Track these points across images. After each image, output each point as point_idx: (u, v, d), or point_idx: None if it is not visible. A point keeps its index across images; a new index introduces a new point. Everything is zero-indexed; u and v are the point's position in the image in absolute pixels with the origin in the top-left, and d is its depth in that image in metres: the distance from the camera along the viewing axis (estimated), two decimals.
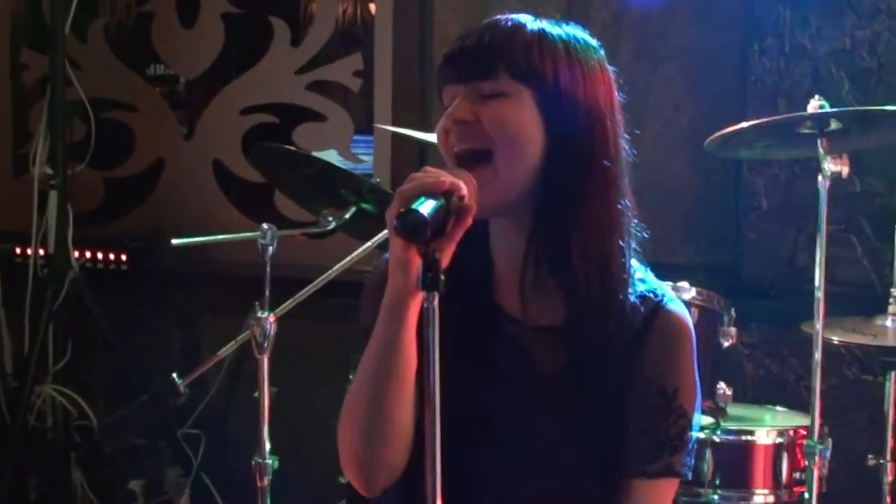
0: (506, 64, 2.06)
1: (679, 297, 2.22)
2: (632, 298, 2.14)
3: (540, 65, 2.08)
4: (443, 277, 1.89)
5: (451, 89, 2.10)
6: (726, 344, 3.50)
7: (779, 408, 3.97)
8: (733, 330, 3.50)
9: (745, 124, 3.33)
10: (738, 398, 4.16)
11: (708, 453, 3.55)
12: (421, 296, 1.93)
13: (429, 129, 4.89)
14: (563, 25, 2.15)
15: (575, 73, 2.10)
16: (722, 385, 3.46)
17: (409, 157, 4.80)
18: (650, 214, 4.80)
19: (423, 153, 4.81)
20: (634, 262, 2.19)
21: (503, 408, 2.13)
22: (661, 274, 3.72)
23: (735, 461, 3.59)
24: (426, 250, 1.90)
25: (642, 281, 2.18)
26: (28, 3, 5.12)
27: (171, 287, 4.87)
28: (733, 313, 3.52)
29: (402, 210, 1.86)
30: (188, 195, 5.03)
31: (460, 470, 2.12)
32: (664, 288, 2.20)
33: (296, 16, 4.99)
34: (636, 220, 2.19)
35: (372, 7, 4.92)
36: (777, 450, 3.58)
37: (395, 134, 4.67)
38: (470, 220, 1.96)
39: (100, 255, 4.83)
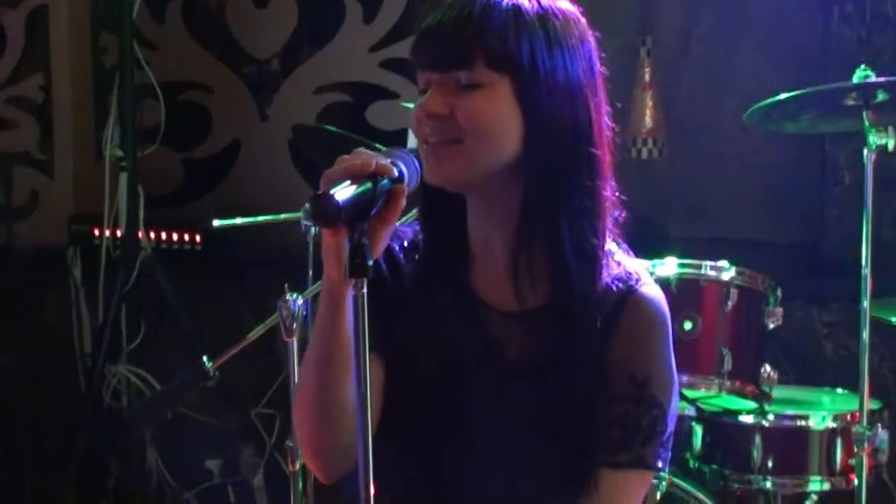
0: (482, 53, 2.01)
1: (660, 279, 2.18)
2: (606, 281, 2.09)
3: (517, 51, 2.02)
4: (370, 262, 1.86)
5: (425, 75, 2.06)
6: (772, 325, 3.39)
7: (843, 390, 3.84)
8: (779, 310, 3.39)
9: (782, 96, 3.22)
10: (815, 379, 4.06)
11: (757, 438, 3.45)
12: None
13: None
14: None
15: (554, 55, 2.05)
16: (767, 368, 3.36)
17: None
18: (733, 190, 4.72)
19: None
20: (612, 245, 2.13)
21: (475, 394, 2.10)
22: (739, 250, 3.65)
23: (787, 447, 3.49)
24: (352, 235, 1.87)
25: (618, 263, 2.12)
26: None
27: (244, 268, 4.89)
28: (779, 293, 3.40)
29: (315, 194, 1.83)
30: (264, 176, 5.05)
31: (432, 453, 2.12)
32: (641, 271, 2.14)
33: None
34: (616, 198, 2.12)
35: None
36: (831, 435, 3.46)
37: None
38: (402, 203, 1.94)
39: (175, 237, 4.87)
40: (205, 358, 3.36)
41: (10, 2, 5.06)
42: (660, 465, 2.11)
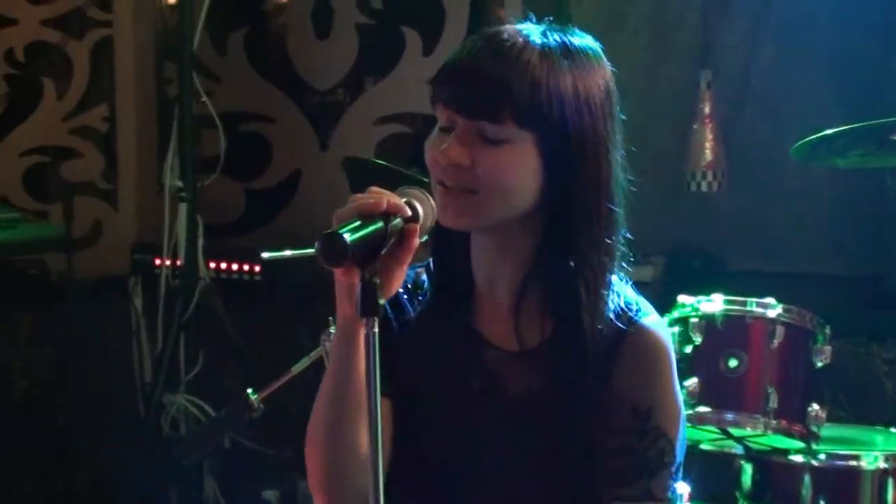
0: (511, 108, 2.01)
1: (659, 316, 2.16)
2: (607, 315, 2.09)
3: (547, 109, 2.02)
4: (381, 302, 1.87)
5: (448, 113, 2.06)
6: (820, 364, 3.35)
7: None
8: (828, 348, 3.34)
9: (829, 131, 3.19)
10: (876, 417, 3.99)
11: (807, 478, 3.39)
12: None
13: None
14: (569, 40, 2.06)
15: (582, 112, 2.04)
16: (815, 407, 3.31)
17: None
18: (794, 224, 4.68)
19: None
20: (614, 278, 2.13)
21: (479, 432, 2.11)
22: (799, 283, 3.61)
23: (837, 487, 3.43)
24: (363, 275, 1.88)
25: (619, 295, 2.12)
26: (172, 16, 5.23)
27: (303, 298, 4.91)
28: (828, 331, 3.36)
29: (323, 233, 1.84)
30: (324, 206, 5.05)
31: (439, 493, 2.13)
32: (641, 303, 2.14)
33: (427, 25, 4.98)
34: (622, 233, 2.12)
35: (502, 13, 4.89)
36: (882, 475, 3.40)
37: None
38: (415, 242, 1.94)
39: (234, 266, 4.91)
40: (249, 390, 3.38)
41: (76, 33, 5.13)
42: (669, 495, 2.10)
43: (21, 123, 5.05)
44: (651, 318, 2.12)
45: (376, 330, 1.86)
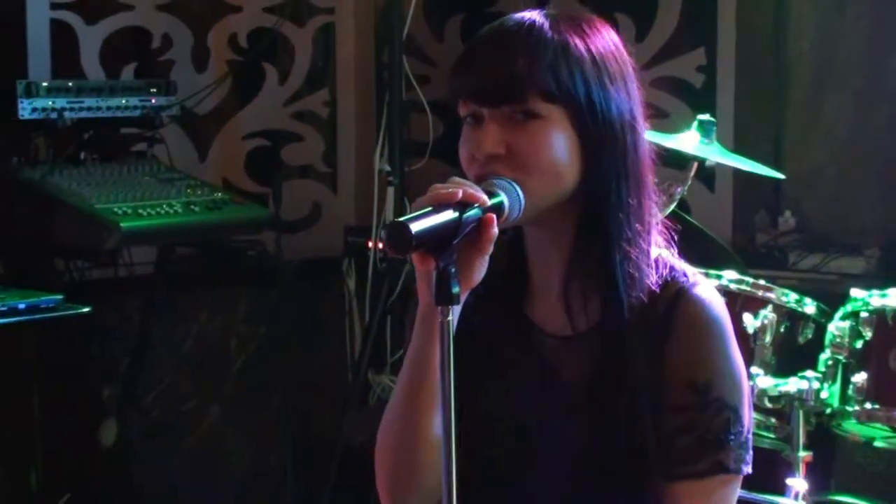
0: (535, 86, 2.03)
1: (709, 281, 2.13)
2: (654, 287, 2.09)
3: (571, 83, 2.04)
4: (456, 290, 1.91)
5: (471, 106, 2.08)
6: None
7: None
8: None
9: None
10: None
11: None
12: (452, 308, 1.97)
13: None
14: (580, 23, 2.10)
15: (605, 85, 2.07)
16: None
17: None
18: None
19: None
20: (663, 250, 2.15)
21: (536, 421, 2.13)
22: None
23: None
24: (437, 263, 1.93)
25: (670, 267, 2.12)
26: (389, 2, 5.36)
27: None
28: None
29: (391, 222, 1.90)
30: None
31: (498, 482, 2.14)
32: (690, 272, 2.14)
33: (640, 9, 4.99)
34: (658, 213, 2.15)
35: None
36: None
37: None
38: (493, 231, 1.97)
39: None
40: None
41: (299, 19, 5.32)
42: (743, 468, 2.08)
43: (244, 107, 5.25)
44: (702, 288, 2.10)
45: (451, 318, 1.90)
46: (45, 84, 4.36)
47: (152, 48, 5.05)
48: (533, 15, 2.09)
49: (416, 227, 1.89)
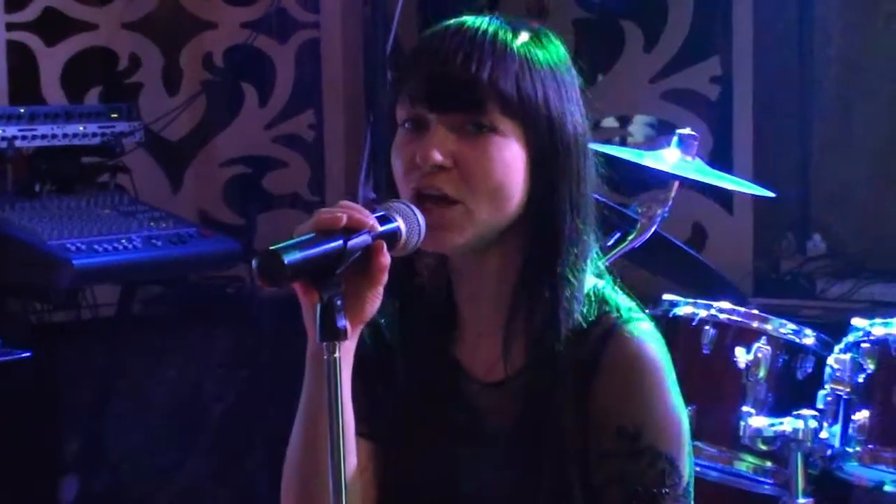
0: (498, 98, 2.00)
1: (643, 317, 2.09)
2: (581, 323, 2.05)
3: (533, 97, 2.01)
4: (343, 326, 1.89)
5: (417, 110, 2.03)
6: None
7: None
8: None
9: None
10: None
11: None
12: (346, 345, 1.96)
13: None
14: (539, 35, 2.07)
15: (563, 100, 2.05)
16: None
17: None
18: None
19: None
20: (599, 281, 2.10)
21: (461, 472, 2.10)
22: None
23: None
24: (320, 296, 1.91)
25: (603, 301, 2.08)
26: None
27: None
28: None
29: (263, 250, 1.88)
30: None
31: None
32: (626, 307, 2.08)
33: (649, 19, 4.97)
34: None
35: None
36: None
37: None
38: (383, 260, 1.94)
39: None
40: None
41: (281, 35, 5.31)
42: None
43: (221, 132, 5.25)
44: (635, 325, 2.05)
45: (337, 355, 1.86)
46: None
47: (119, 70, 5.07)
48: (492, 19, 2.06)
49: (290, 255, 1.85)
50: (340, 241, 1.90)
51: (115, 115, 4.60)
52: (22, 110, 4.43)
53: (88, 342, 4.76)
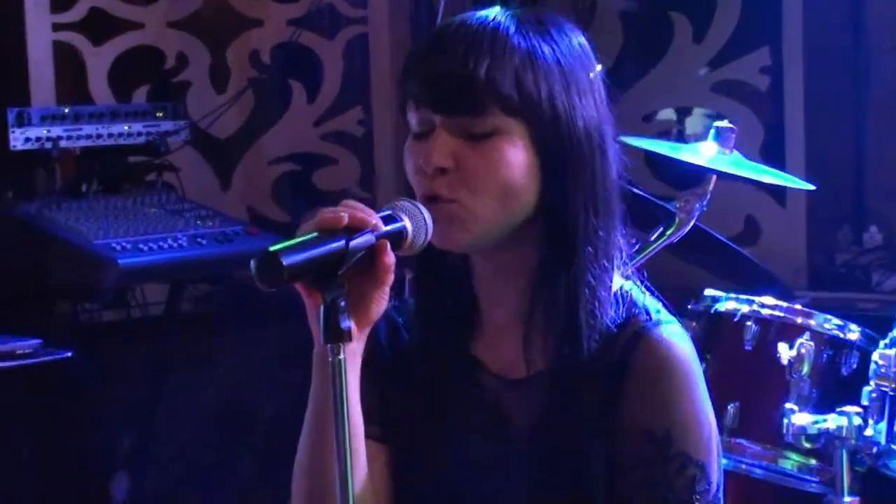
0: (496, 99, 1.97)
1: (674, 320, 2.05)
2: (611, 326, 2.02)
3: (535, 95, 1.98)
4: (347, 327, 1.86)
5: (423, 114, 2.01)
6: None
7: None
8: None
9: None
10: None
11: None
12: (352, 347, 1.93)
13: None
14: (548, 27, 2.03)
15: (571, 95, 2.00)
16: None
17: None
18: None
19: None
20: (627, 283, 2.08)
21: (484, 472, 2.07)
22: None
23: None
24: (323, 297, 1.88)
25: (633, 304, 2.05)
26: None
27: None
28: None
29: (261, 252, 1.85)
30: None
31: None
32: (654, 309, 2.06)
33: (697, 7, 4.92)
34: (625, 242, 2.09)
35: None
36: None
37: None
38: (387, 259, 1.92)
39: None
40: None
41: (328, 31, 5.30)
42: None
43: (269, 129, 5.24)
44: (665, 328, 2.03)
45: (342, 357, 1.84)
46: (38, 112, 4.40)
47: (166, 68, 5.08)
48: (496, 14, 2.02)
49: (290, 257, 1.83)
50: (343, 241, 1.88)
51: (161, 114, 4.61)
52: (66, 110, 4.44)
53: (138, 341, 4.76)
